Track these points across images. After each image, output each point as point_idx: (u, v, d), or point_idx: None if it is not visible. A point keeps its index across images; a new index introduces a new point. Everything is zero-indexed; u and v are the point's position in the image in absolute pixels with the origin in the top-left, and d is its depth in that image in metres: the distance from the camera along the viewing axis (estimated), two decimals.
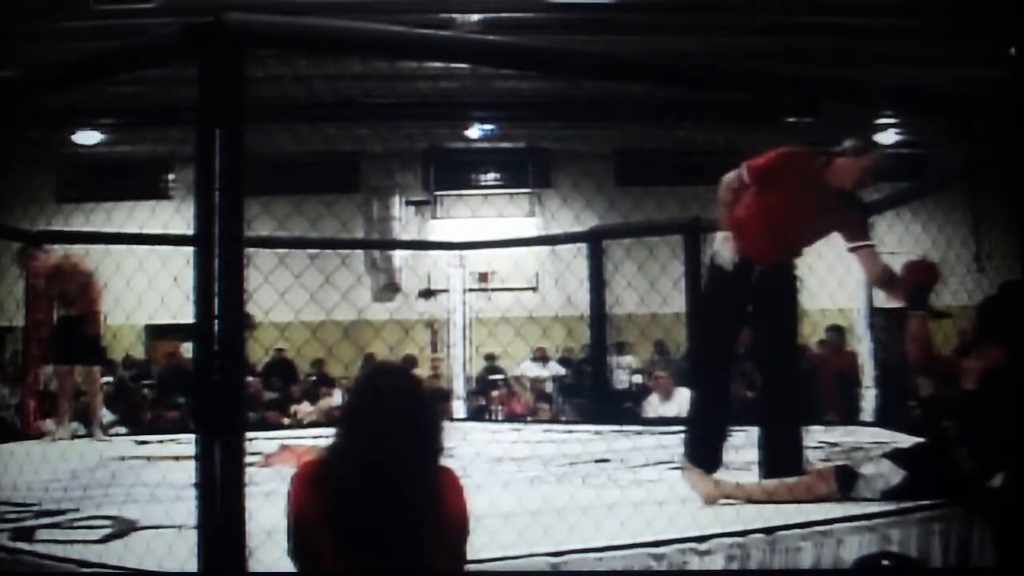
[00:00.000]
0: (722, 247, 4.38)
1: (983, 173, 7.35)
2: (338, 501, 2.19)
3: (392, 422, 2.22)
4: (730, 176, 4.42)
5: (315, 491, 2.23)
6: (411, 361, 12.58)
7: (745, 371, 10.59)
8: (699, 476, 3.99)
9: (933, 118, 10.31)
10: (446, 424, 2.33)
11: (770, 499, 3.79)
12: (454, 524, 2.26)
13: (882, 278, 4.38)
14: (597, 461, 5.36)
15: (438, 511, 2.22)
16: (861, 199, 4.59)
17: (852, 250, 4.44)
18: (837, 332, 9.26)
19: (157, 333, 13.76)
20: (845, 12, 10.33)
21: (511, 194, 15.11)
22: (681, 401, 8.25)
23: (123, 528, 3.50)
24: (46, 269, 7.28)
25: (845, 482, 3.80)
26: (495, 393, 11.67)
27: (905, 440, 5.13)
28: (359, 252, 13.86)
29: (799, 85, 4.65)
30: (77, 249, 7.69)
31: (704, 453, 4.35)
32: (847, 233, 4.41)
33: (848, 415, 7.59)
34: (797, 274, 4.55)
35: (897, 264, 4.31)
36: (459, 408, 8.91)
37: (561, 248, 10.39)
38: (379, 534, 2.17)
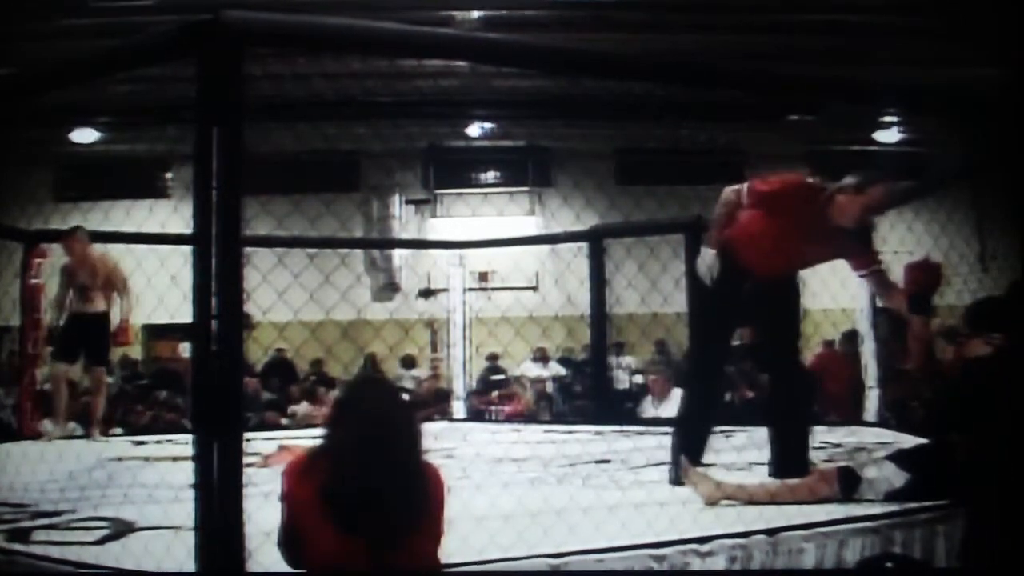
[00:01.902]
0: (703, 263, 4.43)
1: (986, 173, 7.35)
2: (326, 486, 2.37)
3: (374, 421, 2.43)
4: (729, 193, 4.45)
5: (305, 478, 2.40)
6: (410, 361, 12.60)
7: (745, 371, 10.63)
8: (701, 477, 3.99)
9: (935, 117, 10.30)
10: (424, 425, 2.56)
11: (772, 500, 3.79)
12: (433, 509, 2.45)
13: (894, 299, 4.41)
14: (598, 462, 5.35)
15: (419, 497, 2.41)
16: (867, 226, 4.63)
17: (862, 276, 4.47)
18: (851, 338, 9.17)
19: (155, 333, 13.76)
20: (845, 11, 10.33)
21: (511, 193, 15.10)
22: (677, 402, 8.25)
23: (120, 529, 3.49)
24: (85, 257, 7.24)
25: (848, 484, 3.79)
26: (495, 393, 11.66)
27: (908, 441, 5.13)
28: (358, 251, 13.85)
29: (802, 85, 4.64)
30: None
31: (691, 449, 4.43)
32: (854, 261, 4.44)
33: (854, 417, 7.59)
34: (798, 282, 4.57)
35: (899, 265, 4.31)
36: (459, 408, 8.90)
37: (561, 247, 10.39)
38: (364, 516, 2.35)
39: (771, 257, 4.37)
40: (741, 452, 5.10)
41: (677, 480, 4.39)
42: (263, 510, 2.68)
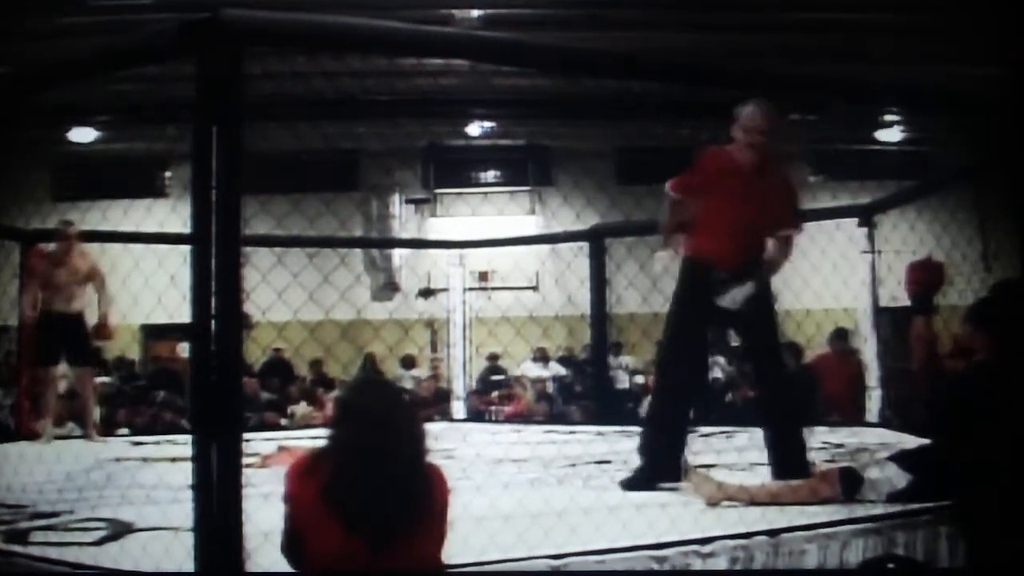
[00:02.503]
0: (659, 263, 4.45)
1: (988, 172, 7.36)
2: (331, 486, 2.37)
3: (377, 423, 2.43)
4: (667, 194, 4.58)
5: (309, 479, 2.40)
6: (410, 361, 12.59)
7: (746, 371, 10.60)
8: (702, 478, 3.99)
9: (938, 116, 10.30)
10: (426, 426, 2.55)
11: (774, 501, 3.79)
12: (436, 510, 2.46)
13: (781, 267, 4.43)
14: (599, 462, 5.35)
15: (423, 498, 2.42)
16: (794, 185, 4.63)
17: (779, 236, 4.43)
18: (842, 337, 9.18)
19: (154, 333, 13.76)
20: (844, 9, 10.32)
21: (511, 192, 15.09)
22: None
23: (119, 530, 3.49)
24: (72, 253, 7.19)
25: (850, 485, 3.79)
26: (496, 394, 11.65)
27: (910, 442, 5.12)
28: (358, 251, 13.85)
29: (803, 84, 4.64)
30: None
31: (659, 457, 4.35)
32: (780, 220, 4.43)
33: (856, 418, 7.60)
34: (764, 272, 4.50)
35: (903, 263, 4.31)
36: (459, 409, 8.90)
37: (562, 247, 10.38)
38: (368, 516, 2.36)
39: (723, 239, 4.35)
40: (743, 453, 5.10)
41: (631, 486, 4.30)
42: (262, 511, 2.68)
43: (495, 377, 12.51)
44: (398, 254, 14.34)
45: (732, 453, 5.30)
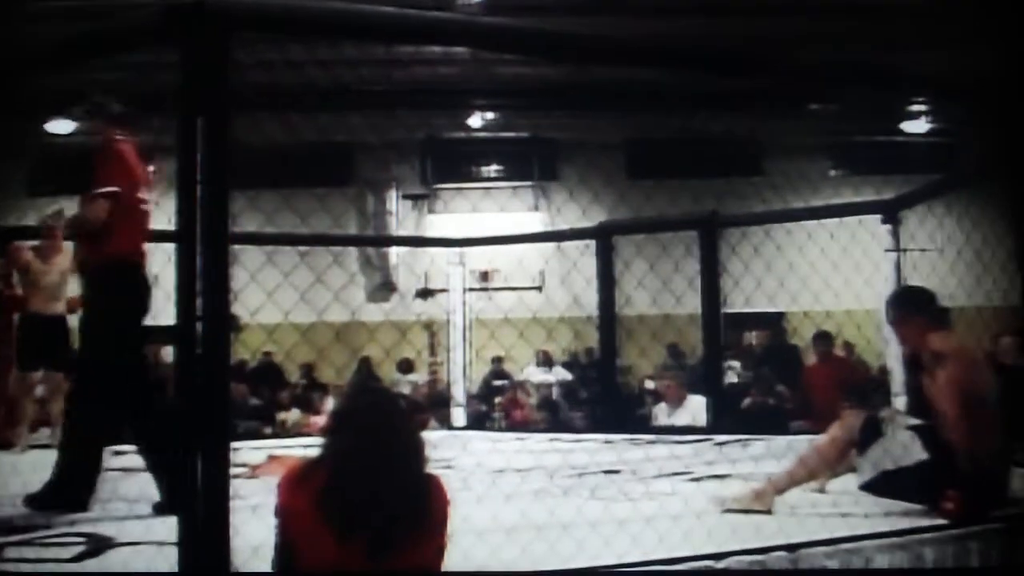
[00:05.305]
0: None
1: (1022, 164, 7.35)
2: (326, 497, 2.39)
3: (374, 432, 2.46)
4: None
5: (302, 490, 2.41)
6: (407, 365, 12.60)
7: (762, 376, 10.62)
8: (746, 496, 4.02)
9: (968, 104, 10.29)
10: (424, 435, 2.58)
11: (811, 470, 3.98)
12: (435, 522, 2.48)
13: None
14: (606, 472, 5.35)
15: (421, 509, 2.45)
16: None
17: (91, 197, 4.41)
18: (824, 340, 9.24)
19: None
20: None
21: (514, 187, 15.12)
22: (694, 409, 8.24)
23: (98, 545, 3.49)
24: (61, 249, 7.14)
25: (867, 434, 3.92)
26: (498, 400, 11.66)
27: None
28: (352, 249, 13.87)
29: (824, 70, 4.62)
30: None
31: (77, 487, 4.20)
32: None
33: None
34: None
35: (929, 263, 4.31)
36: (459, 416, 8.89)
37: (567, 245, 10.40)
38: (364, 528, 2.37)
39: None
40: (759, 462, 5.10)
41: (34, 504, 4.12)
42: (250, 524, 2.68)
43: (497, 382, 12.52)
44: (395, 252, 14.37)
45: (748, 463, 5.30)
